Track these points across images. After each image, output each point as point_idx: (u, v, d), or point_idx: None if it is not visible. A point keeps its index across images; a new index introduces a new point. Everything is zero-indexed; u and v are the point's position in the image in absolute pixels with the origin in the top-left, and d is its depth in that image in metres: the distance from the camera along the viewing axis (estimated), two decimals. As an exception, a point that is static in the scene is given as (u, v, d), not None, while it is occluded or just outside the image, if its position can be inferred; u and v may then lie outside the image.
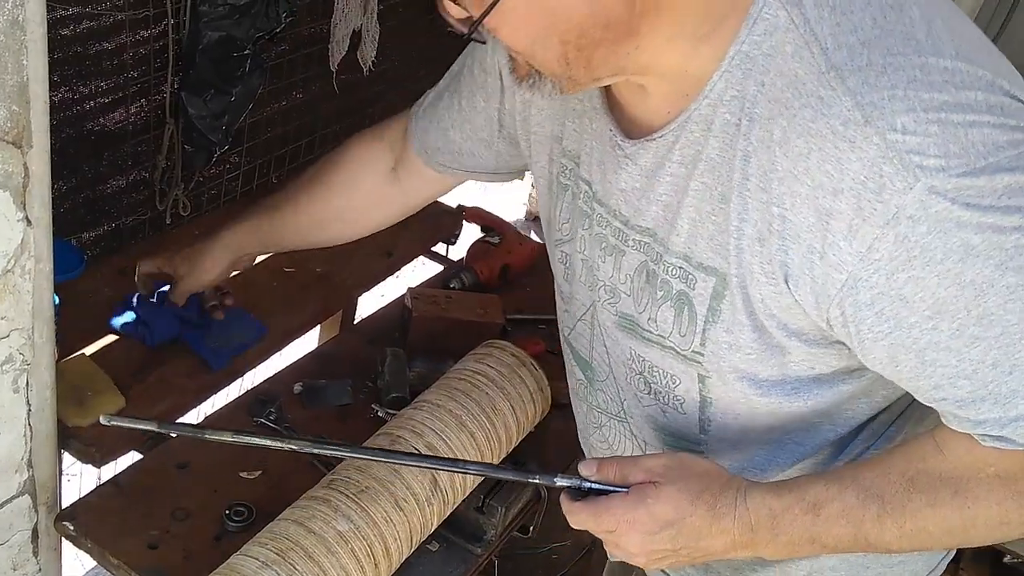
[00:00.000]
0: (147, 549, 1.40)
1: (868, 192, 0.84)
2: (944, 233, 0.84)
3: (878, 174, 0.84)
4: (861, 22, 0.87)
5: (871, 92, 0.84)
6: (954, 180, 0.83)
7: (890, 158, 0.83)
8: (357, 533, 1.24)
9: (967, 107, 0.84)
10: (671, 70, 0.95)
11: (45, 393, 1.41)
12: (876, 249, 0.86)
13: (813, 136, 0.86)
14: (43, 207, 1.25)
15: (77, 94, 1.83)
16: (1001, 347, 0.89)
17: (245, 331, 1.85)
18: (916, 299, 0.88)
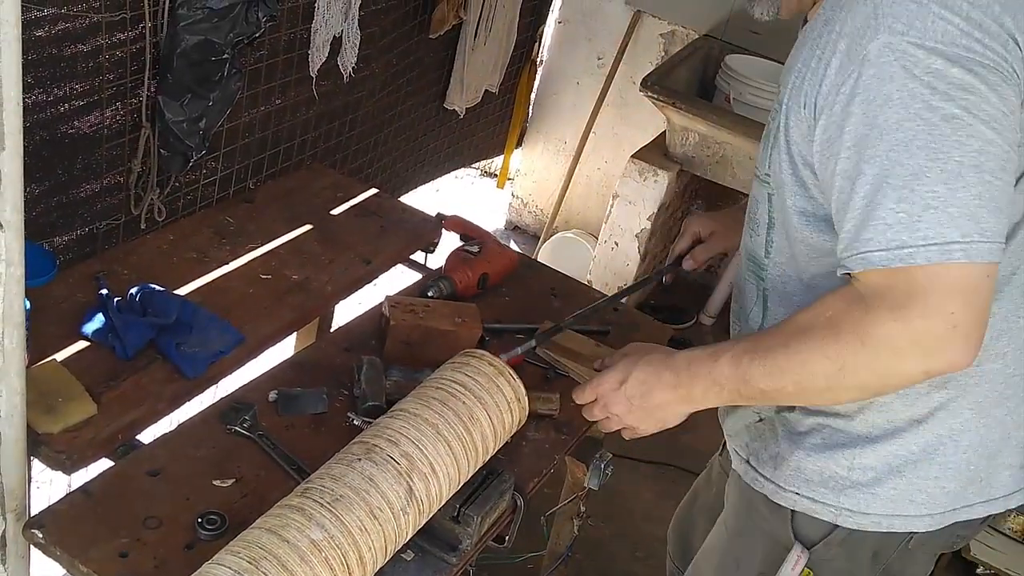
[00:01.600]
0: (117, 557, 1.38)
1: (858, 36, 1.16)
2: (880, 80, 1.13)
3: (866, 26, 1.15)
4: None
5: None
6: (904, 44, 1.12)
7: (876, 16, 1.14)
8: (331, 542, 1.23)
9: (949, 6, 1.12)
10: None
11: (15, 399, 1.39)
12: (845, 83, 1.16)
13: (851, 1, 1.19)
14: (15, 211, 1.23)
15: (51, 96, 1.81)
16: (873, 185, 1.14)
17: (221, 338, 1.84)
18: (847, 130, 1.17)
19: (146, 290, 1.86)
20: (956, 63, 1.11)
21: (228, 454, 1.57)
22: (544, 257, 3.94)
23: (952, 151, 1.10)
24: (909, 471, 1.36)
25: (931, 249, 1.10)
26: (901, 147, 1.12)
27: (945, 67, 1.10)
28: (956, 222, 1.10)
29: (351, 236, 2.29)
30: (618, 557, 2.82)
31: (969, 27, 1.11)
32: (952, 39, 1.11)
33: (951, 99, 1.10)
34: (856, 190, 1.16)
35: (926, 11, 1.12)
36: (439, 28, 3.01)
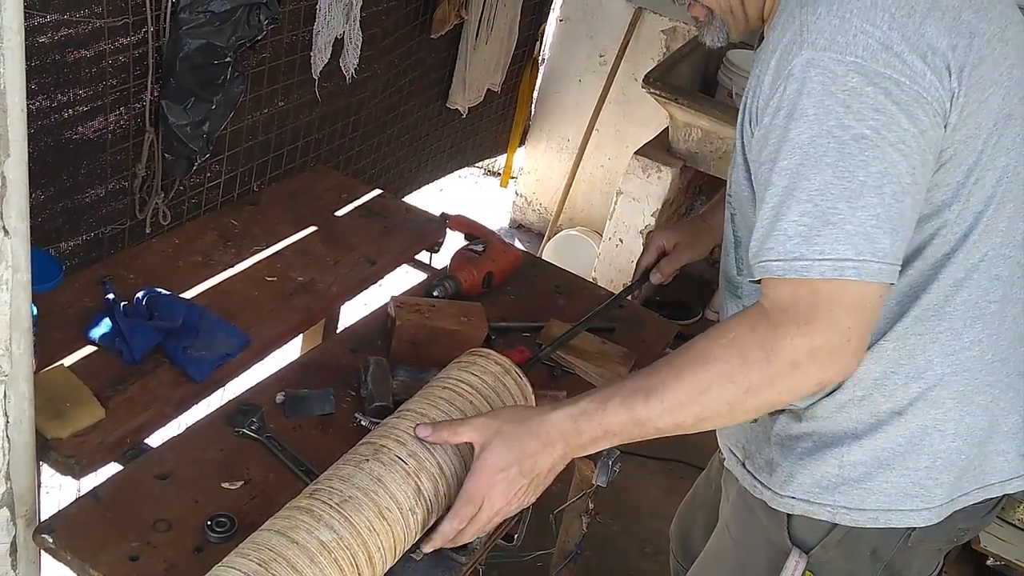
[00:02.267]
0: (128, 561, 1.38)
1: (786, 52, 1.18)
2: (800, 95, 1.16)
3: (792, 42, 1.18)
4: None
5: None
6: (826, 59, 1.15)
7: (802, 32, 1.17)
8: (340, 543, 1.23)
9: (871, 19, 1.14)
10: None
11: (23, 405, 1.39)
12: (773, 97, 1.19)
13: (783, 15, 1.22)
14: (20, 217, 1.24)
15: (55, 102, 1.82)
16: (781, 196, 1.17)
17: (227, 341, 1.84)
18: (769, 142, 1.20)
19: (152, 294, 1.87)
20: (872, 81, 1.13)
21: (236, 456, 1.57)
22: (548, 255, 3.94)
23: (857, 170, 1.13)
24: (898, 463, 1.37)
25: (825, 264, 1.14)
26: (811, 162, 1.15)
27: (861, 85, 1.13)
28: (852, 240, 1.14)
29: (356, 237, 2.29)
30: (627, 554, 2.82)
31: (889, 41, 1.14)
32: (872, 53, 1.14)
33: (863, 119, 1.13)
34: (767, 200, 1.19)
35: (848, 26, 1.15)
36: (440, 28, 3.01)
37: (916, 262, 1.29)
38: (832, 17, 1.16)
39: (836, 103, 1.14)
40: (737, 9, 1.38)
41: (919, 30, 1.16)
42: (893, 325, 1.32)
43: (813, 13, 1.17)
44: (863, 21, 1.15)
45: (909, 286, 1.31)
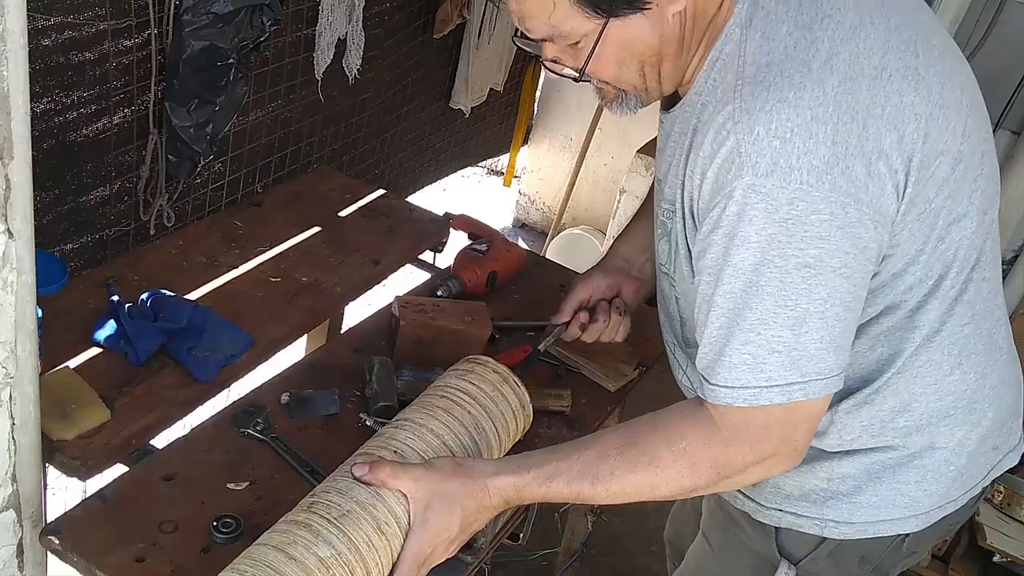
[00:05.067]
0: (134, 562, 1.38)
1: (724, 171, 1.14)
2: (742, 220, 1.12)
3: (731, 162, 1.13)
4: (776, 47, 1.15)
5: (752, 102, 1.12)
6: (769, 186, 1.10)
7: (739, 153, 1.11)
8: (339, 559, 1.22)
9: (814, 135, 1.09)
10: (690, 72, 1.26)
11: (29, 407, 1.40)
12: (713, 211, 1.15)
13: (714, 124, 1.16)
14: (25, 219, 1.24)
15: (59, 104, 1.82)
16: (725, 320, 1.17)
17: (232, 342, 1.84)
18: (709, 256, 1.17)
19: (157, 296, 1.87)
20: (816, 208, 1.09)
21: (242, 457, 1.57)
22: (552, 254, 3.94)
23: (800, 299, 1.13)
24: (888, 477, 1.36)
25: (773, 390, 1.16)
26: (753, 290, 1.14)
27: (805, 213, 1.10)
28: (798, 364, 1.15)
29: (359, 237, 2.29)
30: (632, 553, 2.82)
31: (833, 157, 1.09)
32: (817, 176, 1.09)
33: (806, 247, 1.11)
34: (711, 320, 1.19)
35: (790, 147, 1.09)
36: (443, 28, 3.01)
37: (891, 316, 1.28)
38: (772, 138, 1.10)
39: (779, 231, 1.11)
40: (653, 86, 1.28)
41: (863, 134, 1.11)
42: (874, 380, 1.32)
43: (750, 132, 1.11)
44: (805, 139, 1.09)
45: (888, 338, 1.30)
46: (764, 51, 1.15)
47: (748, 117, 1.11)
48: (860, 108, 1.12)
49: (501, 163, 4.52)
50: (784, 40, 1.15)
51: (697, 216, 1.21)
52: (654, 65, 1.24)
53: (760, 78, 1.13)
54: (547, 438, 1.72)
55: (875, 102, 1.13)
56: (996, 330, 1.38)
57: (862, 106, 1.12)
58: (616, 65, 1.23)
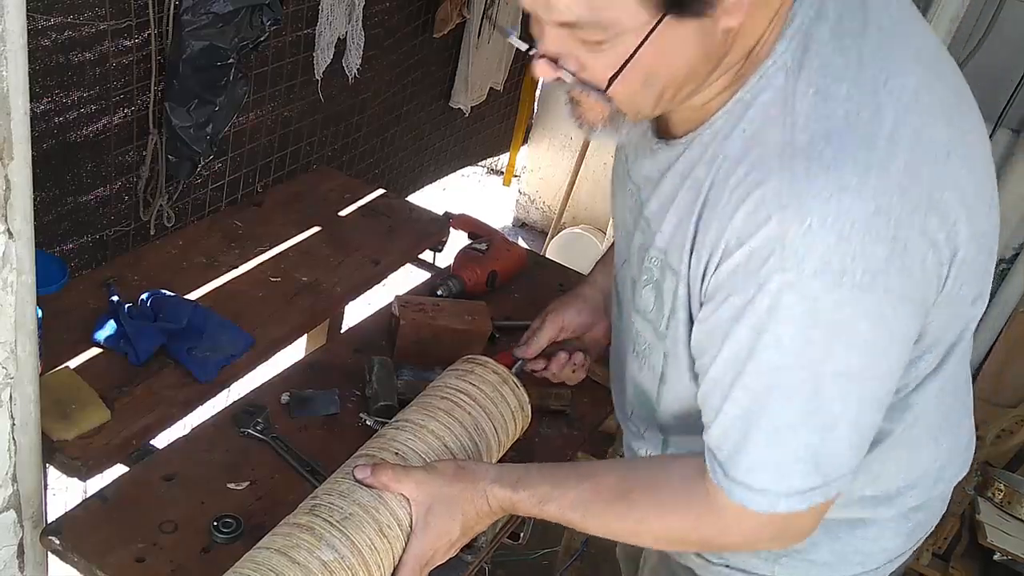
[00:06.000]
0: (134, 562, 1.38)
1: (758, 258, 0.97)
2: (776, 320, 0.98)
3: (770, 250, 0.96)
4: (835, 112, 0.97)
5: (804, 182, 0.95)
6: (815, 288, 0.95)
7: (783, 244, 0.95)
8: (342, 563, 1.21)
9: (873, 231, 0.94)
10: (700, 101, 1.07)
11: (29, 407, 1.40)
12: (735, 294, 1.00)
13: (751, 195, 0.98)
14: (24, 219, 1.24)
15: (59, 105, 1.82)
16: (744, 414, 1.04)
17: (232, 342, 1.84)
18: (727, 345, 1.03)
19: (157, 296, 1.87)
20: (866, 314, 0.96)
21: (242, 457, 1.58)
22: (552, 253, 3.94)
23: (833, 405, 1.01)
24: (845, 534, 1.30)
25: (793, 498, 1.06)
26: (780, 392, 1.02)
27: (853, 319, 0.96)
28: (822, 469, 1.05)
29: (359, 237, 2.29)
30: (633, 552, 2.81)
31: (892, 254, 0.95)
32: (872, 278, 0.94)
33: (848, 355, 0.99)
34: (726, 409, 1.06)
35: (847, 247, 0.94)
36: (443, 27, 3.01)
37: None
38: (827, 234, 0.93)
39: (820, 337, 0.97)
40: (657, 111, 1.07)
41: (923, 226, 0.97)
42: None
43: (800, 223, 0.93)
44: (864, 236, 0.93)
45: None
46: (820, 115, 0.97)
47: (800, 203, 0.94)
48: (922, 197, 0.97)
49: (501, 162, 4.52)
50: (844, 104, 0.97)
51: (705, 291, 1.06)
52: (677, 89, 1.03)
53: (817, 152, 0.95)
54: (547, 437, 1.72)
55: (935, 188, 0.98)
56: (968, 387, 1.31)
57: (924, 194, 0.97)
58: (642, 81, 1.01)
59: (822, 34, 1.00)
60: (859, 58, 0.99)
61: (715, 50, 0.99)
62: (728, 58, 1.01)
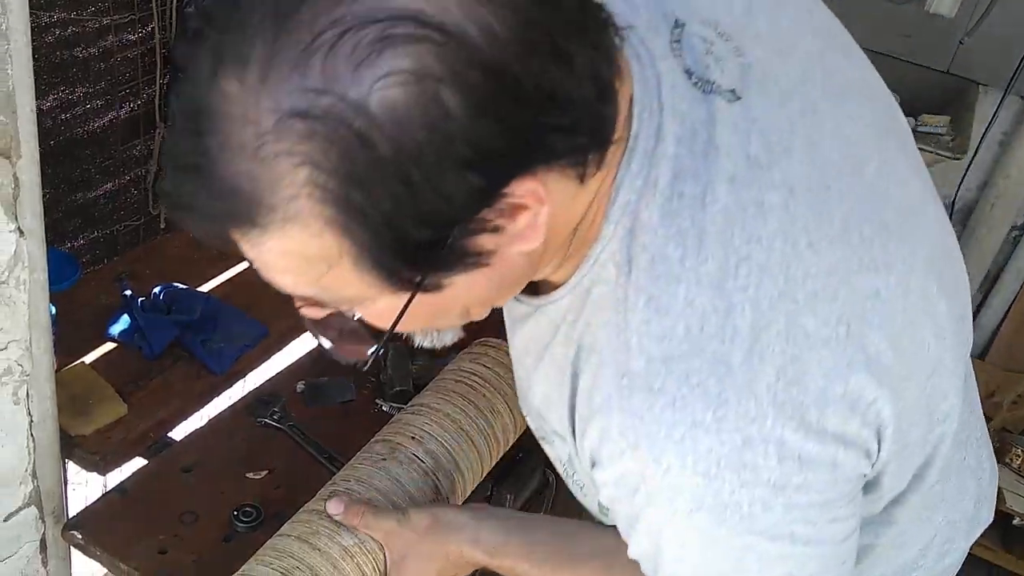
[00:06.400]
0: (157, 554, 1.39)
1: (625, 486, 0.83)
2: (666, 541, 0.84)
3: (634, 485, 0.81)
4: (673, 328, 0.78)
5: (651, 424, 0.78)
6: (698, 521, 0.80)
7: (646, 482, 0.80)
8: (362, 547, 1.21)
9: (749, 465, 0.77)
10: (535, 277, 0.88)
11: (46, 403, 1.40)
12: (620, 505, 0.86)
13: (597, 419, 0.83)
14: (35, 217, 1.24)
15: (64, 100, 1.82)
16: None
17: (245, 332, 1.85)
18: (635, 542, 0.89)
19: (169, 289, 1.87)
20: (773, 535, 0.81)
21: (259, 447, 1.58)
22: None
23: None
24: None
25: None
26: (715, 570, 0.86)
27: (757, 542, 0.81)
28: None
29: (369, 224, 2.28)
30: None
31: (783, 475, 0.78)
32: (764, 503, 0.79)
33: (769, 566, 0.84)
34: None
35: (720, 484, 0.78)
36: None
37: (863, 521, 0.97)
38: (691, 476, 0.78)
39: (728, 557, 0.82)
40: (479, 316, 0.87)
41: (820, 434, 0.79)
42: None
43: (657, 464, 0.78)
44: (739, 471, 0.77)
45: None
46: (655, 334, 0.78)
47: (651, 444, 0.78)
48: (811, 400, 0.78)
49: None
50: (683, 316, 0.78)
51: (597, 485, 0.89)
52: (484, 305, 0.85)
53: (657, 385, 0.78)
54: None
55: (832, 380, 0.79)
56: (970, 448, 1.13)
57: (813, 395, 0.78)
58: (431, 319, 0.84)
59: (650, 215, 0.79)
60: (699, 241, 0.78)
61: (518, 271, 0.80)
62: (545, 254, 0.81)
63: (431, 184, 0.66)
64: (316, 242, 0.69)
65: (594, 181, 0.77)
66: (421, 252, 0.70)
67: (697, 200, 0.79)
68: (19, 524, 1.46)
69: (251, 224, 0.69)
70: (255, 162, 0.66)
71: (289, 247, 0.71)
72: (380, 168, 0.65)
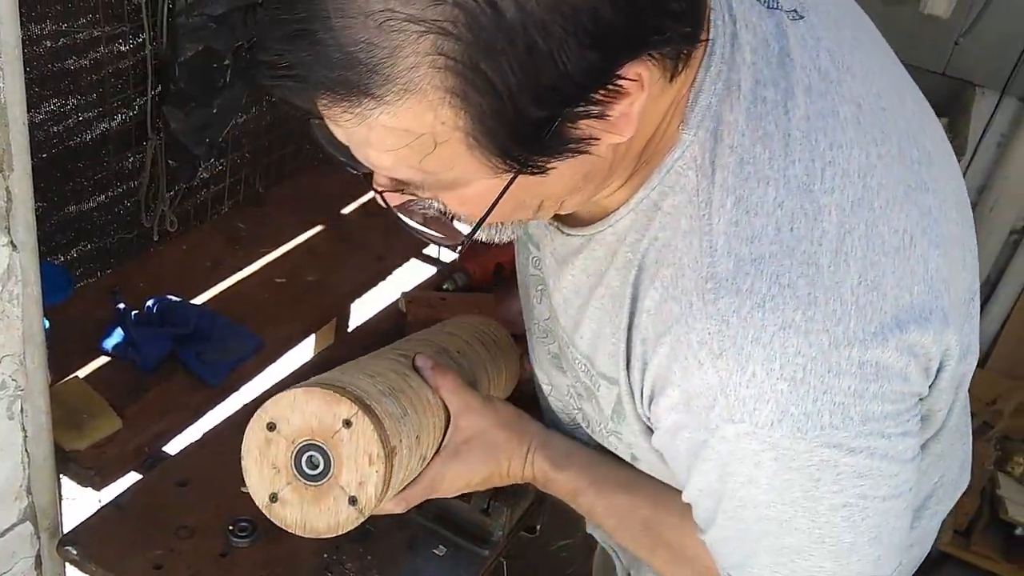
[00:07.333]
0: (152, 569, 1.38)
1: (699, 404, 0.82)
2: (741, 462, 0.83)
3: (712, 399, 0.81)
4: (763, 229, 0.79)
5: (738, 327, 0.78)
6: (776, 437, 0.80)
7: (726, 395, 0.79)
8: (436, 408, 1.13)
9: (834, 368, 0.78)
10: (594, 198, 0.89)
11: (40, 418, 1.39)
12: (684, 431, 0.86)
13: (672, 333, 0.82)
14: (28, 230, 1.23)
15: (56, 112, 1.81)
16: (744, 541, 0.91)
17: (240, 344, 1.84)
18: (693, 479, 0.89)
19: (163, 301, 1.87)
20: (850, 450, 0.81)
21: (255, 460, 1.57)
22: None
23: (843, 535, 0.86)
24: None
25: None
26: (775, 524, 0.86)
27: (834, 457, 0.81)
28: None
29: (364, 234, 2.28)
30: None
31: (862, 382, 0.79)
32: (843, 411, 0.79)
33: (841, 489, 0.83)
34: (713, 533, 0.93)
35: (804, 389, 0.78)
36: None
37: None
38: (776, 381, 0.78)
39: (801, 477, 0.82)
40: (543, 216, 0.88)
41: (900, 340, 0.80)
42: None
43: (741, 372, 0.78)
44: (823, 375, 0.78)
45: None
46: (744, 235, 0.79)
47: (737, 350, 0.78)
48: (887, 306, 0.80)
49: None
50: (773, 216, 0.79)
51: (648, 416, 0.91)
52: (557, 203, 0.85)
53: (746, 286, 0.78)
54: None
55: (902, 288, 0.81)
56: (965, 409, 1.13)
57: (890, 301, 0.80)
58: (511, 211, 0.83)
59: (735, 116, 0.81)
60: (785, 144, 0.80)
61: (601, 167, 0.80)
62: (625, 160, 0.83)
63: (554, 56, 0.66)
64: (431, 116, 0.68)
65: (677, 83, 0.78)
66: (533, 131, 0.70)
67: (779, 106, 0.81)
68: (14, 540, 1.45)
69: (364, 94, 0.67)
70: (377, 29, 0.64)
71: (401, 122, 0.69)
72: (507, 35, 0.64)
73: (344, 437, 1.01)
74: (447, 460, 1.14)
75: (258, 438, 1.06)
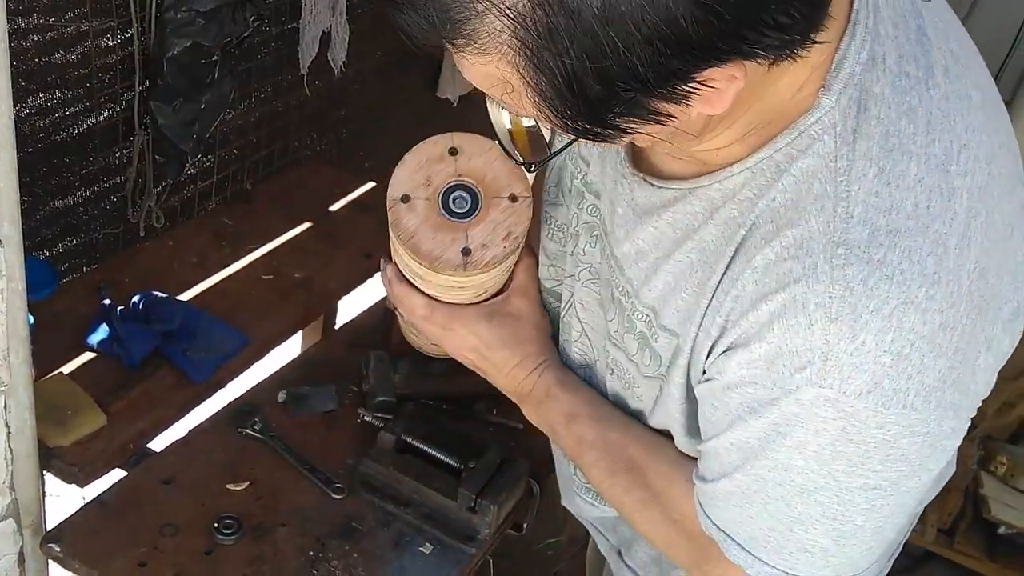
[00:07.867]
0: (137, 567, 1.38)
1: (789, 363, 0.81)
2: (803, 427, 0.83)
3: (806, 360, 0.80)
4: (902, 203, 0.79)
5: (862, 294, 0.78)
6: (856, 408, 0.80)
7: (827, 359, 0.79)
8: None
9: (936, 349, 0.79)
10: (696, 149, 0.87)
11: (24, 415, 1.38)
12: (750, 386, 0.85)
13: (785, 292, 0.81)
14: (12, 225, 1.23)
15: (42, 106, 1.81)
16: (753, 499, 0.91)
17: (226, 341, 1.83)
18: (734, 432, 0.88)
19: (149, 297, 1.86)
20: (913, 432, 0.81)
21: (240, 457, 1.56)
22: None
23: (856, 517, 0.87)
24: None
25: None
26: (796, 491, 0.87)
27: (895, 437, 0.81)
28: (833, 567, 0.92)
29: (351, 231, 2.28)
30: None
31: (951, 368, 0.80)
32: (926, 395, 0.80)
33: (883, 469, 0.83)
34: (723, 485, 0.93)
35: (903, 366, 0.78)
36: (427, 17, 2.99)
37: None
38: (883, 354, 0.78)
39: (854, 452, 0.82)
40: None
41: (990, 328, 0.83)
42: None
43: (852, 340, 0.78)
44: (925, 355, 0.78)
45: None
46: (884, 206, 0.79)
47: (855, 318, 0.78)
48: (988, 294, 0.81)
49: (490, 152, 4.51)
50: (914, 191, 0.79)
51: (709, 364, 0.91)
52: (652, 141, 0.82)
53: (879, 257, 0.78)
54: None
55: (999, 279, 0.83)
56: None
57: (990, 290, 0.82)
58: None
59: (882, 88, 0.80)
60: (927, 122, 0.80)
61: (694, 127, 0.80)
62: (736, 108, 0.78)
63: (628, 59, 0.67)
64: (502, 75, 0.73)
65: (813, 55, 0.76)
66: (599, 106, 0.72)
67: (921, 82, 0.81)
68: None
69: (454, 37, 0.73)
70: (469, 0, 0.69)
71: (481, 69, 0.75)
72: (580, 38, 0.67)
73: (503, 204, 1.07)
74: (478, 316, 1.16)
75: (435, 150, 1.08)
